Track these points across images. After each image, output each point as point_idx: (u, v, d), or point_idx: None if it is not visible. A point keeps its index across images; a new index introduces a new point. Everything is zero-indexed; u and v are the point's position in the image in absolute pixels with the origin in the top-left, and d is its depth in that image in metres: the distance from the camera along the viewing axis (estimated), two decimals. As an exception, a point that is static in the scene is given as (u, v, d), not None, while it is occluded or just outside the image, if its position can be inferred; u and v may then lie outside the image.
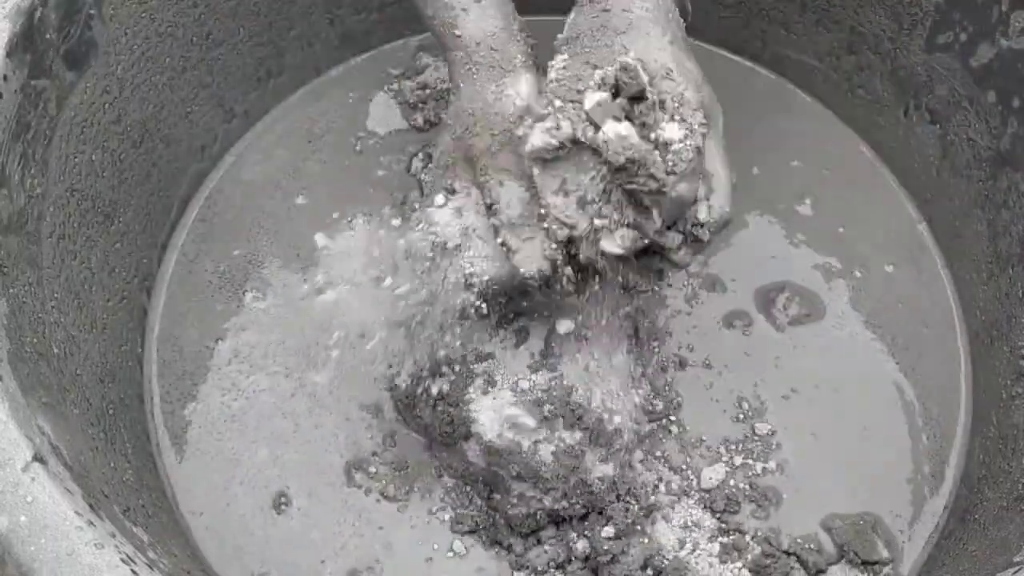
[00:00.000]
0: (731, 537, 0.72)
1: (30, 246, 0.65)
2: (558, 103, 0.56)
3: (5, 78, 0.62)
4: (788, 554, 0.71)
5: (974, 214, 0.80)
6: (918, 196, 0.87)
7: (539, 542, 0.71)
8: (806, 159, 0.89)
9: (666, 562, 0.69)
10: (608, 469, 0.69)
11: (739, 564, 0.70)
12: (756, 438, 0.76)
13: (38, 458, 0.53)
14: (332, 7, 0.89)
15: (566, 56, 0.60)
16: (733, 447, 0.76)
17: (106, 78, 0.73)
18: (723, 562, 0.71)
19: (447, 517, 0.73)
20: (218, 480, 0.74)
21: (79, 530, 0.51)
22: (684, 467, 0.74)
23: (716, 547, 0.71)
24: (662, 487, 0.73)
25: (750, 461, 0.75)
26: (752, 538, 0.72)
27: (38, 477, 0.52)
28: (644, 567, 0.69)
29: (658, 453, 0.75)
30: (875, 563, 0.71)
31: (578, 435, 0.67)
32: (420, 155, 0.87)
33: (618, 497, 0.71)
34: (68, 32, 0.68)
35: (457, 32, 0.66)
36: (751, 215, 0.86)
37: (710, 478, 0.74)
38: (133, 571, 0.51)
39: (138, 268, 0.79)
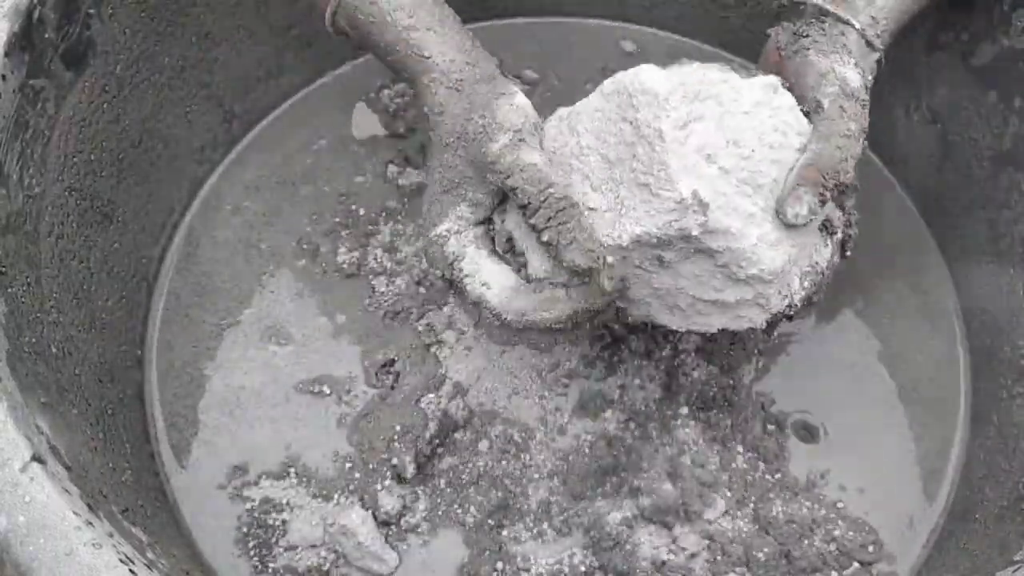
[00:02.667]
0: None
1: (28, 245, 0.65)
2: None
3: (3, 78, 0.62)
4: (786, 555, 0.71)
5: (974, 214, 0.80)
6: (918, 196, 0.87)
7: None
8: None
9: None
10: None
11: (739, 566, 0.71)
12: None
13: (36, 458, 0.53)
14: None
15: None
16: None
17: (105, 77, 0.72)
18: (722, 563, 0.71)
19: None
20: (218, 480, 0.74)
21: (77, 530, 0.50)
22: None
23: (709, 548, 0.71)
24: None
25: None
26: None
27: (36, 477, 0.52)
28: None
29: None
30: (873, 563, 0.71)
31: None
32: (396, 161, 0.87)
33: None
34: (67, 31, 0.68)
35: (427, 54, 0.66)
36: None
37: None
38: (131, 571, 0.50)
39: (137, 268, 0.79)
